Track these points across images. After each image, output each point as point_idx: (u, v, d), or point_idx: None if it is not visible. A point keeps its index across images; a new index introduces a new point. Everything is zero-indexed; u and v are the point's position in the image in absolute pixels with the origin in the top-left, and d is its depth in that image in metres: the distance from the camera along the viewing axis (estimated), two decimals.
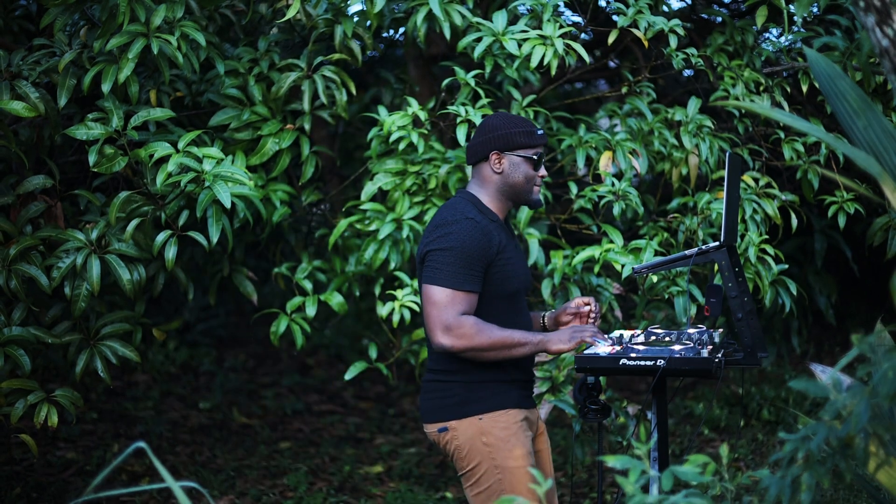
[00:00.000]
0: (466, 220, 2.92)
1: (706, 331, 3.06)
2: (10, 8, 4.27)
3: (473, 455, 2.93)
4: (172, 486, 1.82)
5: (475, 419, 2.93)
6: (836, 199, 4.26)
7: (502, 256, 2.96)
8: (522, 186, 3.04)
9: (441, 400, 2.98)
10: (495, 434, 2.93)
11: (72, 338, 3.68)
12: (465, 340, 2.84)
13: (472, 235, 2.90)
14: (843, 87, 2.27)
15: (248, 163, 3.86)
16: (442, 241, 2.90)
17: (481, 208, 3.02)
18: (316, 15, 3.90)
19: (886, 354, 1.88)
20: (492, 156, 3.02)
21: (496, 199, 3.05)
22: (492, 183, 3.04)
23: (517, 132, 3.02)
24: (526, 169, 3.03)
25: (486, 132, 3.04)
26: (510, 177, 3.02)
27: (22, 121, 3.71)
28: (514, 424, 2.96)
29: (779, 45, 4.74)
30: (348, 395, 6.69)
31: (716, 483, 2.01)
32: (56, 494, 4.60)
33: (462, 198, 3.05)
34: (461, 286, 2.87)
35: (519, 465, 2.93)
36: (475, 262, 2.89)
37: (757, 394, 5.52)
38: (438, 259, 2.89)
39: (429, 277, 2.89)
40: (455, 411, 2.95)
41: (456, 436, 2.94)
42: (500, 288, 2.96)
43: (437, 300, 2.86)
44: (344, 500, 4.77)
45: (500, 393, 2.96)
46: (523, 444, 2.95)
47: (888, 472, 2.13)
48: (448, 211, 2.99)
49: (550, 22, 3.88)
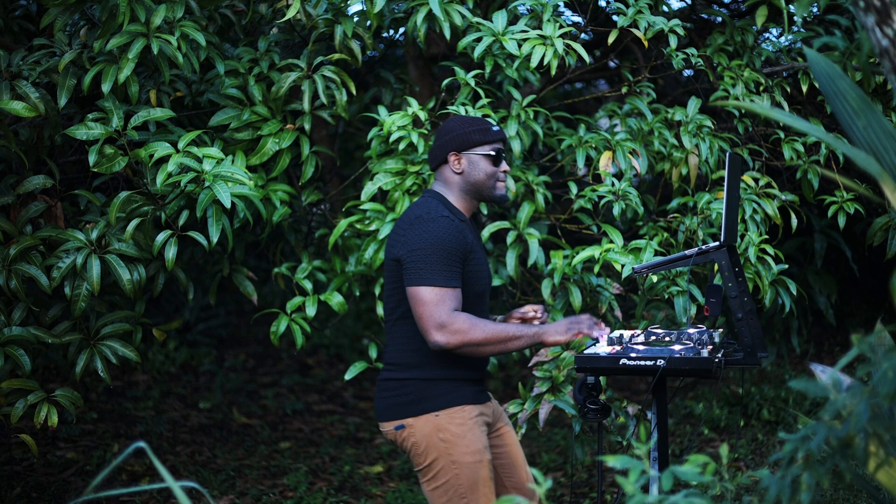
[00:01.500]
0: (442, 218, 2.97)
1: (706, 331, 3.06)
2: (10, 8, 4.26)
3: (430, 451, 2.99)
4: (172, 486, 1.82)
5: (431, 416, 2.99)
6: (836, 199, 4.26)
7: (473, 256, 3.02)
8: (484, 183, 3.10)
9: (397, 398, 3.03)
10: (451, 430, 2.99)
11: (72, 338, 3.68)
12: (460, 336, 2.88)
13: (448, 232, 2.94)
14: (843, 87, 2.27)
15: (248, 163, 3.86)
16: (420, 239, 2.94)
17: (450, 208, 3.08)
18: (316, 15, 3.90)
19: (886, 354, 1.88)
20: (450, 157, 3.09)
21: (461, 199, 3.12)
22: (454, 184, 3.11)
23: (472, 131, 3.09)
24: (485, 165, 3.09)
25: (443, 136, 3.12)
26: (471, 175, 3.09)
27: (22, 121, 3.71)
28: (469, 420, 3.01)
29: (779, 45, 4.74)
30: (348, 395, 6.69)
31: (716, 483, 2.01)
32: (56, 494, 4.60)
33: (431, 197, 3.10)
34: (448, 283, 2.92)
35: (475, 459, 3.00)
36: (455, 257, 2.94)
37: (757, 394, 5.52)
38: (420, 258, 2.92)
39: (415, 279, 2.92)
40: (411, 409, 3.01)
41: (413, 433, 3.00)
42: (469, 286, 3.01)
43: (427, 300, 2.90)
44: (344, 500, 4.77)
45: (454, 390, 3.01)
46: (479, 440, 3.02)
47: (888, 472, 2.13)
48: (421, 209, 3.03)
49: (550, 22, 3.89)
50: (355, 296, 4.19)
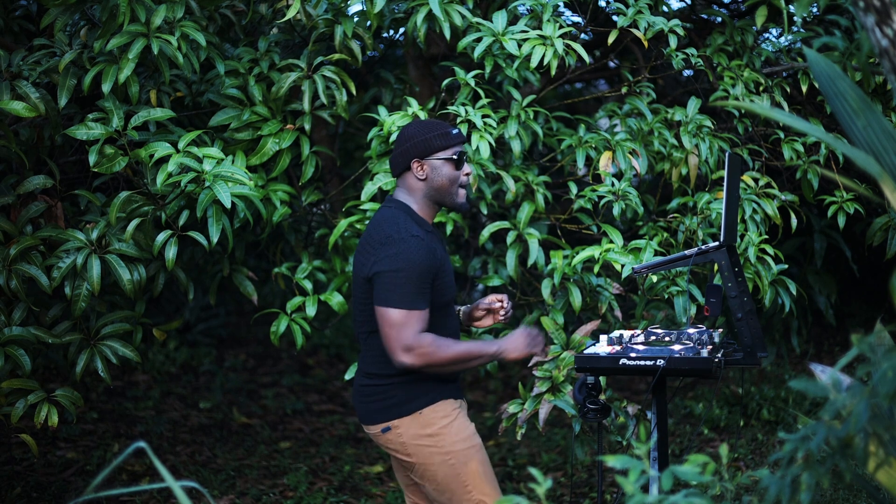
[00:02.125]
0: (412, 238, 2.96)
1: (706, 331, 3.07)
2: (10, 8, 4.27)
3: (419, 450, 3.04)
4: (172, 486, 1.82)
5: (416, 415, 3.03)
6: (835, 199, 4.26)
7: (442, 269, 3.03)
8: (448, 189, 3.10)
9: (382, 402, 3.06)
10: (437, 423, 3.04)
11: (72, 338, 3.68)
12: (425, 359, 2.93)
13: (419, 254, 2.94)
14: (843, 87, 2.27)
15: (249, 163, 3.86)
16: (391, 261, 2.94)
17: (416, 219, 3.07)
18: (316, 15, 3.90)
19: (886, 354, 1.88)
20: (413, 164, 3.08)
21: (425, 206, 3.12)
22: (418, 190, 3.10)
23: (432, 136, 3.08)
24: (448, 170, 3.09)
25: (403, 142, 3.10)
26: (434, 181, 3.08)
27: (22, 121, 3.71)
28: (452, 411, 3.07)
29: (778, 46, 4.74)
30: (348, 395, 6.69)
31: (715, 483, 2.01)
32: (56, 494, 4.61)
33: (396, 209, 3.07)
34: (415, 306, 2.93)
35: (467, 445, 3.05)
36: (424, 280, 2.95)
37: (757, 394, 5.53)
38: (390, 280, 2.93)
39: (383, 299, 2.94)
40: (395, 411, 3.05)
41: (400, 433, 3.04)
42: (437, 299, 3.03)
43: (394, 321, 2.92)
44: (344, 500, 4.77)
45: (434, 388, 3.06)
46: (465, 426, 3.08)
47: (888, 472, 2.13)
48: (390, 226, 3.00)
49: (550, 22, 3.89)
50: None
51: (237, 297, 7.35)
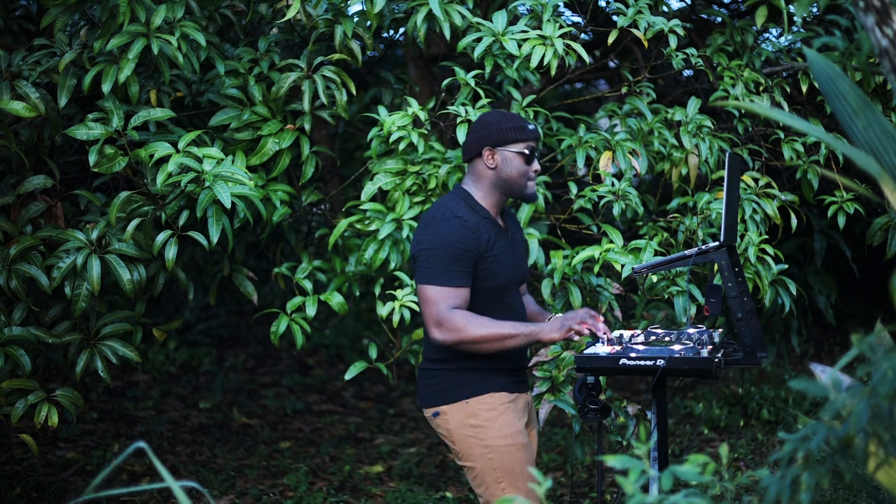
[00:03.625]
0: (455, 219, 3.02)
1: (706, 331, 3.06)
2: (10, 8, 4.27)
3: (463, 438, 3.07)
4: (172, 486, 1.82)
5: (462, 403, 3.07)
6: (835, 199, 4.26)
7: (490, 253, 3.05)
8: (516, 181, 3.12)
9: (431, 387, 3.12)
10: (482, 415, 3.05)
11: (72, 338, 3.68)
12: (456, 334, 2.96)
13: (457, 233, 2.99)
14: (843, 87, 2.27)
15: (249, 163, 3.86)
16: (430, 240, 3.02)
17: (472, 205, 3.10)
18: (316, 15, 3.90)
19: (886, 354, 1.88)
20: (485, 152, 3.11)
21: (490, 195, 3.14)
22: (486, 178, 3.13)
23: (508, 128, 3.10)
24: (518, 163, 3.11)
25: (479, 129, 3.13)
26: (503, 171, 3.11)
27: (22, 121, 3.71)
28: (500, 405, 3.07)
29: (778, 46, 4.74)
30: (348, 395, 6.70)
31: (715, 483, 2.01)
32: (56, 494, 4.61)
33: (455, 195, 3.14)
34: (450, 282, 2.98)
35: (508, 442, 3.06)
36: (462, 258, 2.99)
37: (757, 394, 5.53)
38: (427, 258, 3.01)
39: (420, 277, 3.02)
40: (443, 397, 3.09)
41: (447, 420, 3.08)
42: (486, 283, 3.06)
43: (429, 297, 2.99)
44: (344, 500, 4.77)
45: (484, 378, 3.08)
46: (511, 423, 3.08)
47: (888, 472, 2.13)
48: (438, 209, 3.09)
49: (550, 22, 3.89)
50: (355, 296, 4.19)
51: (237, 297, 7.35)
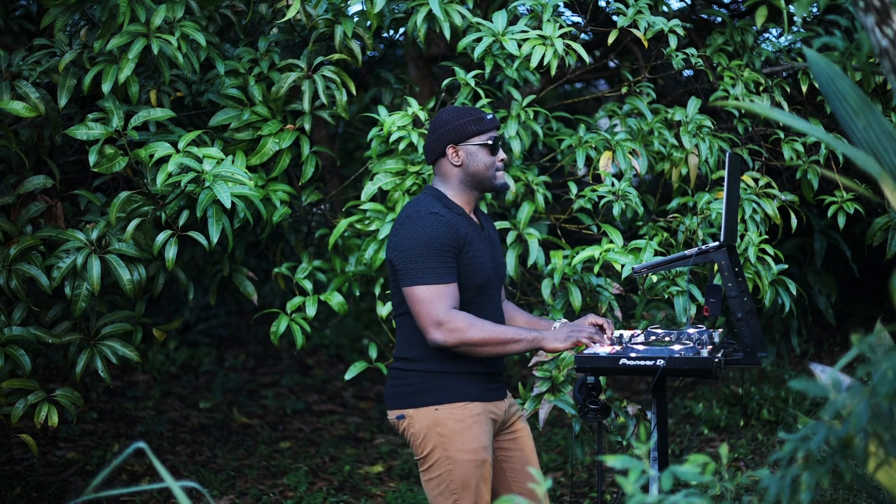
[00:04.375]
0: (430, 215, 2.97)
1: (706, 331, 3.06)
2: (10, 8, 4.27)
3: (427, 443, 2.99)
4: (172, 486, 1.82)
5: (431, 409, 2.99)
6: (835, 199, 4.26)
7: (469, 247, 2.99)
8: (484, 174, 3.08)
9: (400, 388, 3.04)
10: (449, 425, 2.97)
11: (72, 338, 3.68)
12: (458, 335, 2.88)
13: (436, 228, 2.93)
14: (843, 87, 2.27)
15: (249, 163, 3.86)
16: (409, 239, 2.94)
17: (446, 203, 3.06)
18: (316, 15, 3.90)
19: (886, 354, 1.88)
20: (448, 150, 3.07)
21: (461, 192, 3.10)
22: (453, 176, 3.09)
23: (467, 121, 3.06)
24: (483, 156, 3.08)
25: (438, 129, 3.09)
26: (470, 167, 3.07)
27: (22, 121, 3.71)
28: (469, 417, 2.99)
29: (778, 46, 4.74)
30: (348, 395, 6.70)
31: (715, 483, 2.01)
32: (56, 494, 4.61)
33: (426, 194, 3.09)
34: (439, 279, 2.91)
35: (470, 458, 2.97)
36: (445, 252, 2.93)
37: (757, 394, 5.52)
38: (409, 258, 2.93)
39: (408, 279, 2.93)
40: (412, 400, 3.01)
41: (412, 423, 3.01)
42: (466, 279, 2.99)
43: (422, 298, 2.90)
44: (344, 500, 4.77)
45: (457, 385, 2.99)
46: (477, 438, 2.99)
47: (888, 472, 2.13)
48: (411, 208, 3.03)
49: (550, 22, 3.89)
50: (355, 296, 4.19)
51: (237, 297, 7.35)
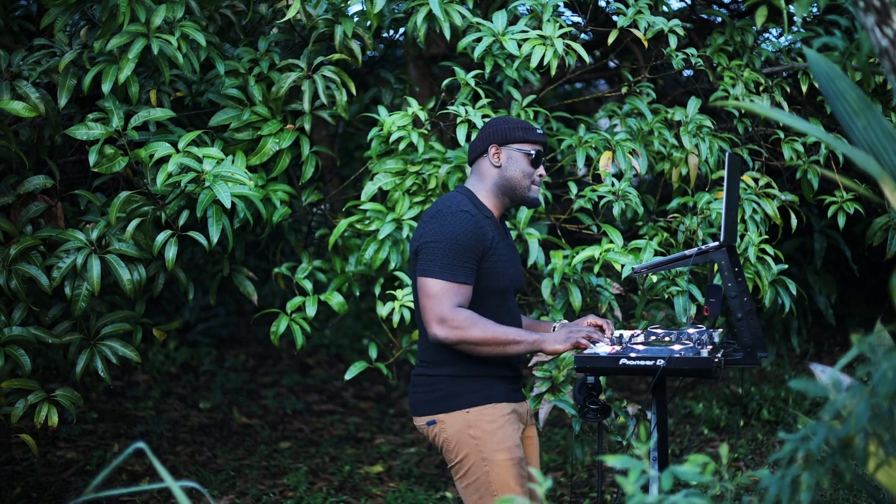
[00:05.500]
0: (461, 213, 2.97)
1: (706, 331, 3.06)
2: (10, 8, 4.27)
3: (461, 448, 2.98)
4: (172, 486, 1.82)
5: (462, 412, 2.98)
6: (835, 199, 4.26)
7: (494, 252, 2.99)
8: (519, 182, 3.08)
9: (429, 394, 3.02)
10: (482, 427, 2.97)
11: (72, 338, 3.68)
12: (459, 332, 2.88)
13: (465, 227, 2.93)
14: (843, 87, 2.27)
15: (249, 163, 3.86)
16: (435, 232, 2.94)
17: (476, 203, 3.06)
18: (316, 15, 3.90)
19: (886, 354, 1.88)
20: (490, 149, 3.08)
21: (493, 195, 3.10)
22: (490, 177, 3.09)
23: (516, 127, 3.09)
24: (523, 164, 3.08)
25: (486, 129, 3.12)
26: (507, 170, 3.08)
27: (22, 121, 3.71)
28: (500, 417, 3.00)
29: (778, 46, 4.74)
30: (348, 395, 6.70)
31: (715, 483, 2.01)
32: (56, 494, 4.61)
33: (459, 192, 3.10)
34: (455, 278, 2.91)
35: (506, 458, 2.98)
36: (468, 253, 2.92)
37: (757, 394, 5.52)
38: (432, 251, 2.92)
39: (423, 270, 2.93)
40: (442, 405, 3.00)
41: (444, 429, 2.99)
42: (490, 283, 3.00)
43: (432, 292, 2.90)
44: (344, 500, 4.77)
45: (486, 387, 3.00)
46: (510, 437, 3.00)
47: (888, 472, 2.13)
48: (443, 203, 3.03)
49: (550, 22, 3.89)
50: (355, 296, 4.19)
51: (237, 297, 7.35)
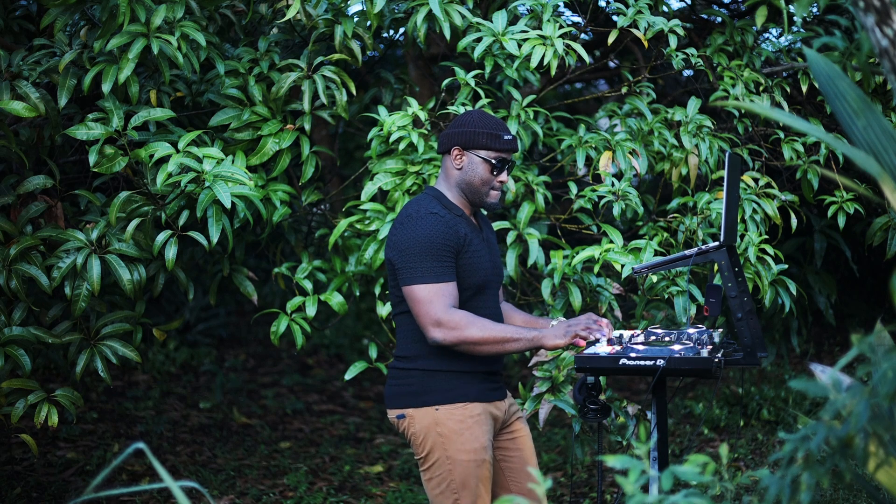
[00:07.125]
0: (429, 215, 2.97)
1: (706, 331, 3.06)
2: (10, 8, 4.27)
3: (427, 443, 3.00)
4: (172, 487, 1.82)
5: (432, 409, 2.99)
6: (835, 199, 4.26)
7: (469, 248, 3.00)
8: (477, 187, 3.07)
9: (400, 387, 3.04)
10: (449, 426, 2.98)
11: (72, 338, 3.68)
12: (457, 333, 2.88)
13: (435, 228, 2.94)
14: (843, 87, 2.27)
15: (248, 163, 3.86)
16: (408, 239, 2.95)
17: (445, 203, 3.06)
18: (316, 15, 3.90)
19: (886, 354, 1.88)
20: (453, 150, 3.07)
21: (458, 195, 3.10)
22: (452, 178, 3.09)
23: (482, 132, 3.04)
24: (483, 170, 3.06)
25: (456, 126, 3.09)
26: (467, 174, 3.06)
27: (22, 121, 3.71)
28: (469, 418, 3.00)
29: (778, 46, 4.74)
30: (348, 395, 6.70)
31: (715, 483, 2.01)
32: (56, 494, 4.61)
33: (426, 194, 3.09)
34: (438, 279, 2.92)
35: (469, 458, 2.98)
36: (444, 251, 2.93)
37: (757, 394, 5.52)
38: (409, 257, 2.93)
39: (407, 279, 2.94)
40: (412, 400, 3.01)
41: (413, 423, 3.01)
42: (465, 280, 3.00)
43: (421, 297, 2.91)
44: (344, 500, 4.77)
45: (458, 385, 3.00)
46: (477, 439, 3.00)
47: (888, 472, 2.13)
48: (411, 207, 3.03)
49: (550, 22, 3.89)
50: (355, 296, 4.19)
51: (237, 297, 7.36)
